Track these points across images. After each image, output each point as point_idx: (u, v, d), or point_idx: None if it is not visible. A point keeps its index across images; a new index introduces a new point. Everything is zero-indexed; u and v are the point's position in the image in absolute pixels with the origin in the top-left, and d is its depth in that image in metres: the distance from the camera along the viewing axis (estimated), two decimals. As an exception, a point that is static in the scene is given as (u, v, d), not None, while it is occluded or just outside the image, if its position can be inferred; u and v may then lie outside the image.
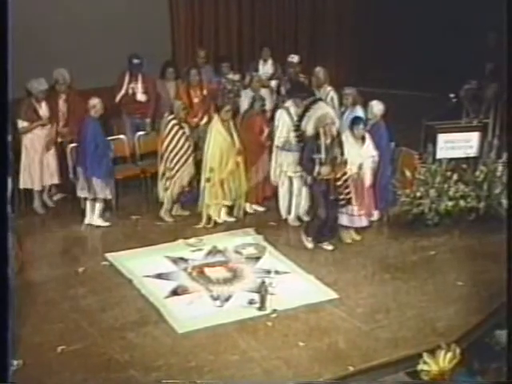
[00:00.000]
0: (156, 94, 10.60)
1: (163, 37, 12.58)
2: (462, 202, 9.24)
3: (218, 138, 9.22)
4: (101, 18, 11.56)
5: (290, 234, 9.32)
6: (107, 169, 9.30)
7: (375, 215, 9.28)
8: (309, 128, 8.81)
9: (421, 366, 6.43)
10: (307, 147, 8.62)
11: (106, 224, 9.45)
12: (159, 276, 8.25)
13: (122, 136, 10.27)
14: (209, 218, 9.43)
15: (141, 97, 10.40)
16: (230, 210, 9.63)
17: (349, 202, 8.67)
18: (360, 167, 8.74)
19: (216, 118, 9.36)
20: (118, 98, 10.37)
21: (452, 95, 10.81)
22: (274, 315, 7.49)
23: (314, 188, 8.65)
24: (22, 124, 9.34)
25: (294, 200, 9.42)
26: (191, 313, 7.55)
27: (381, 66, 13.88)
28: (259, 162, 9.62)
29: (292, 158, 9.22)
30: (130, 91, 10.38)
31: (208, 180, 9.29)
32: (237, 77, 11.15)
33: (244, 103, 10.24)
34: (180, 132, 9.29)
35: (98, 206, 9.43)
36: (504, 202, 9.37)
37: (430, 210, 9.20)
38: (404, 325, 7.42)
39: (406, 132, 10.24)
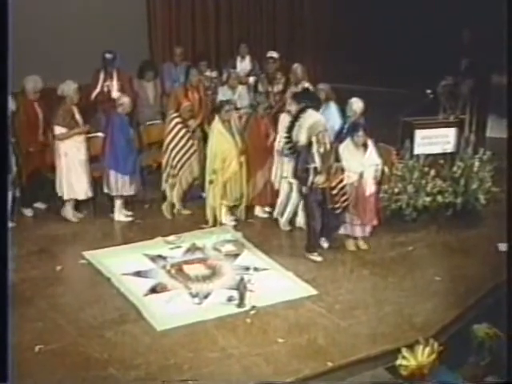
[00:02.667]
0: (133, 93, 10.56)
1: (140, 34, 12.54)
2: (439, 198, 9.30)
3: (220, 138, 9.12)
4: (77, 15, 11.49)
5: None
6: (133, 165, 9.35)
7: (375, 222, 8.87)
8: (301, 137, 8.64)
9: (399, 361, 6.45)
10: (301, 157, 8.40)
11: (129, 219, 9.51)
12: (138, 274, 8.23)
13: (99, 134, 10.20)
14: (214, 219, 9.37)
15: (116, 94, 10.35)
16: (234, 210, 9.58)
17: (345, 209, 8.45)
18: (361, 175, 8.47)
19: (216, 118, 9.26)
20: (93, 96, 10.33)
21: (429, 91, 10.87)
22: (253, 312, 7.49)
23: (309, 198, 8.42)
24: (60, 130, 9.12)
25: (290, 205, 9.19)
26: (170, 310, 7.54)
27: (358, 63, 13.92)
28: (266, 166, 9.35)
29: (292, 164, 8.91)
30: (105, 89, 10.34)
31: (211, 182, 9.21)
32: (214, 74, 11.16)
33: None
34: (183, 130, 9.28)
35: (120, 202, 9.51)
36: (481, 197, 9.46)
37: (407, 206, 9.24)
38: (382, 320, 7.46)
39: (383, 128, 10.28)
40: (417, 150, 9.70)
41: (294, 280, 8.16)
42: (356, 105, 9.26)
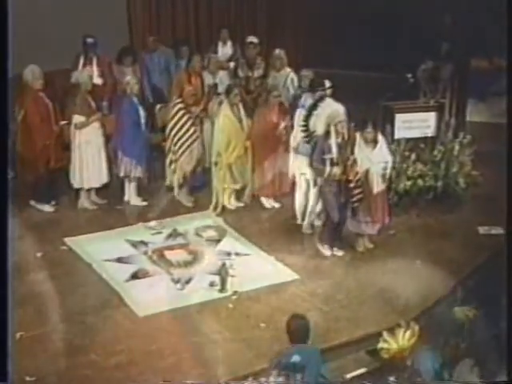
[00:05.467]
0: (113, 78, 10.51)
1: (120, 19, 12.44)
2: (420, 182, 9.33)
3: (227, 122, 9.08)
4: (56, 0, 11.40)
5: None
6: (141, 148, 9.32)
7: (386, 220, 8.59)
8: (319, 127, 8.39)
9: (381, 345, 6.51)
10: (318, 147, 8.16)
11: (144, 203, 9.49)
12: (119, 260, 8.22)
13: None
14: (217, 203, 9.34)
15: (96, 80, 10.28)
16: (240, 195, 9.52)
17: (360, 203, 8.18)
18: (367, 172, 8.21)
19: (225, 102, 9.22)
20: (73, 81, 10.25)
21: (409, 75, 10.88)
22: (234, 297, 7.51)
23: (325, 190, 8.21)
24: (78, 119, 9.09)
25: (310, 206, 8.85)
26: (152, 296, 7.53)
27: (338, 47, 13.89)
28: (274, 156, 9.17)
29: (307, 161, 8.63)
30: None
31: (215, 164, 9.18)
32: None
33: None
34: (186, 116, 9.23)
35: (133, 184, 9.49)
36: (461, 180, 9.50)
37: (389, 190, 9.25)
38: (364, 304, 7.49)
39: (364, 112, 10.28)
40: (397, 135, 9.71)
41: (275, 265, 8.17)
42: None
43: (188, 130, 9.26)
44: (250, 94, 9.80)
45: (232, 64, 11.24)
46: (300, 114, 8.89)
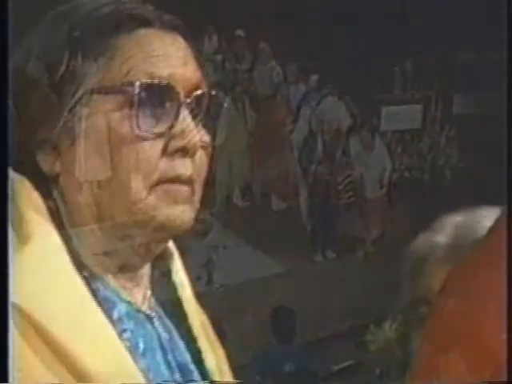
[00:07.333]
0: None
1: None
2: (406, 174, 9.34)
3: (229, 119, 9.07)
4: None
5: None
6: None
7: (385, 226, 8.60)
8: (313, 124, 8.49)
9: (368, 337, 6.52)
10: (308, 145, 8.24)
11: None
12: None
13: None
14: (218, 201, 9.32)
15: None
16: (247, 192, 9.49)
17: (350, 207, 8.23)
18: (361, 176, 8.25)
19: (228, 98, 9.19)
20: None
21: (396, 68, 10.89)
22: (221, 290, 7.50)
23: (313, 190, 8.21)
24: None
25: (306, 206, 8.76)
26: (138, 290, 7.53)
27: (325, 41, 13.89)
28: (281, 154, 9.15)
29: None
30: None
31: (218, 162, 9.16)
32: (181, 52, 11.10)
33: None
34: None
35: None
36: (448, 173, 9.52)
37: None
38: (351, 296, 7.50)
39: (351, 106, 10.28)
40: (384, 127, 9.72)
41: (262, 258, 8.17)
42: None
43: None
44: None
45: (218, 57, 11.23)
46: (305, 112, 8.91)
